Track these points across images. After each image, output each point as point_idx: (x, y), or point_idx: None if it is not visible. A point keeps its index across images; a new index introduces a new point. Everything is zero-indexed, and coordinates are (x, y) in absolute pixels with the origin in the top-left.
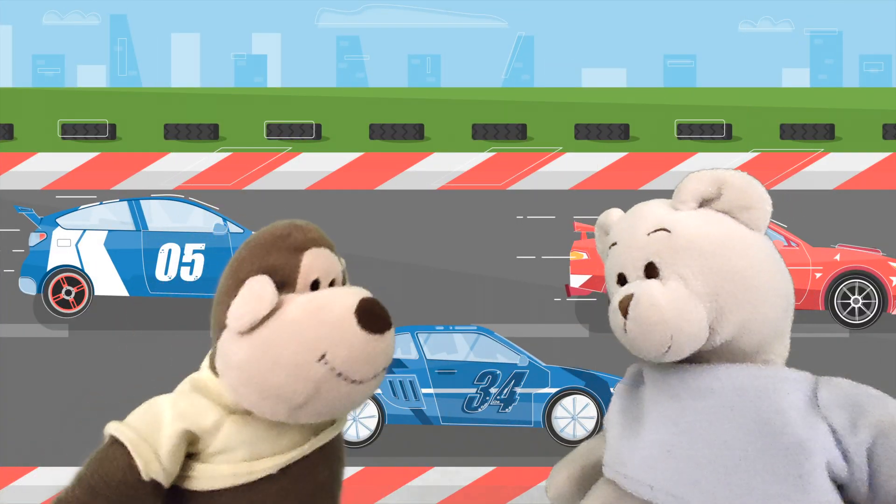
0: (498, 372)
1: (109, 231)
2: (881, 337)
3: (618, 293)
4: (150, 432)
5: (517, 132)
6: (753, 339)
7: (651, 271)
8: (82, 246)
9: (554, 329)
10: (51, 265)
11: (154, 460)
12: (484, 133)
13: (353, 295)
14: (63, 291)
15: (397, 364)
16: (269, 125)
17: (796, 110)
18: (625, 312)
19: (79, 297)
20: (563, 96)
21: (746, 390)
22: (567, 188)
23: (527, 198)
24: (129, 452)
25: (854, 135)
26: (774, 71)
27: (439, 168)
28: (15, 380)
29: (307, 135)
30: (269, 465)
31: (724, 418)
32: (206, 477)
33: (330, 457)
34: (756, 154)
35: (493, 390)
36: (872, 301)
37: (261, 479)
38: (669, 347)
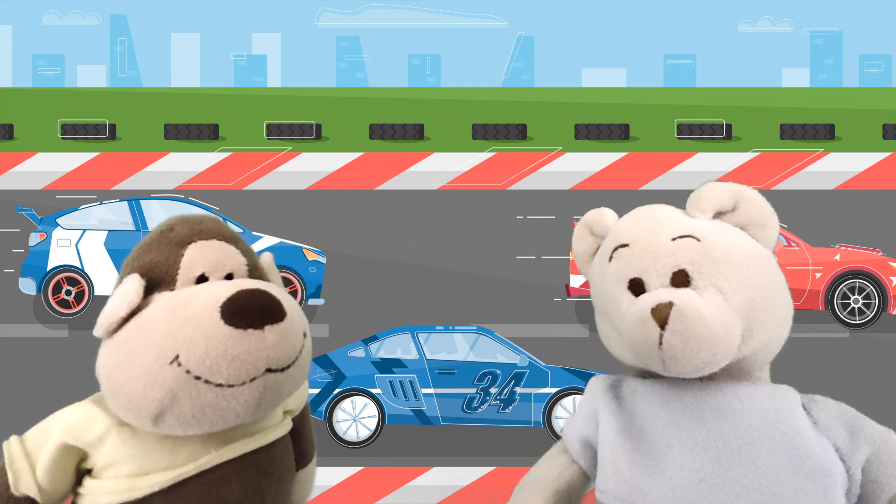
0: (498, 372)
1: (109, 231)
2: (881, 337)
3: (641, 301)
4: (36, 446)
5: (517, 132)
6: (764, 358)
7: (680, 279)
8: (82, 246)
9: (554, 329)
10: (51, 265)
11: (27, 475)
12: (484, 133)
13: (229, 287)
14: (63, 291)
15: (397, 364)
16: (269, 125)
17: (796, 110)
18: (662, 323)
19: (79, 297)
20: (563, 96)
21: (768, 412)
22: (567, 188)
23: (527, 198)
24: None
25: (854, 135)
26: (774, 71)
27: (439, 168)
28: (15, 380)
29: (307, 135)
30: (155, 481)
31: (752, 441)
32: (91, 494)
33: (248, 472)
34: (756, 154)
35: (493, 390)
36: (872, 301)
37: (150, 496)
38: (706, 364)
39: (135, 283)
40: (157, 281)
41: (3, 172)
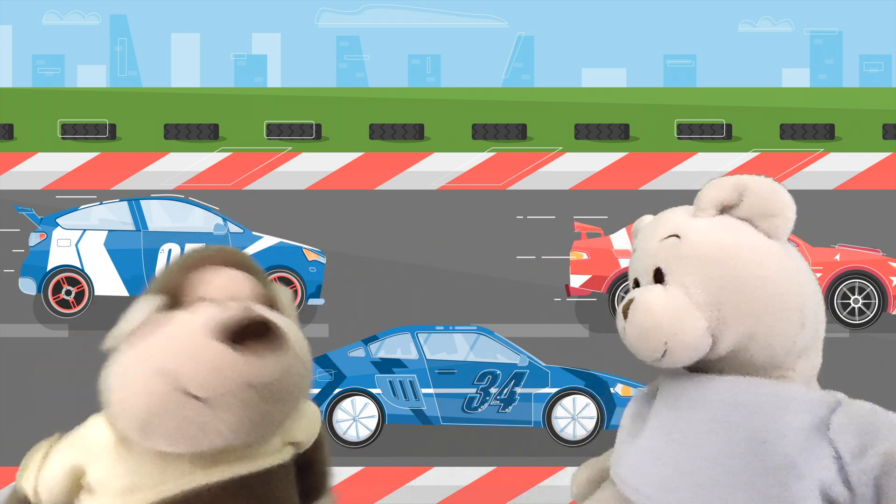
0: (498, 372)
1: (109, 231)
2: (881, 337)
3: (627, 298)
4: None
5: (517, 132)
6: (762, 353)
7: (658, 277)
8: (82, 246)
9: (554, 329)
10: (51, 265)
11: (33, 485)
12: (484, 133)
13: (228, 309)
14: (63, 291)
15: (397, 364)
16: (269, 125)
17: (796, 110)
18: (626, 316)
19: (79, 297)
20: (563, 96)
21: (743, 405)
22: (567, 188)
23: (527, 198)
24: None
25: (854, 135)
26: (774, 71)
27: (439, 168)
28: (15, 380)
29: (307, 135)
30: (142, 497)
31: (715, 432)
32: None
33: (242, 499)
34: (756, 154)
35: (493, 390)
36: (872, 301)
37: None
38: (665, 353)
39: (143, 302)
40: (170, 303)
41: (3, 172)
